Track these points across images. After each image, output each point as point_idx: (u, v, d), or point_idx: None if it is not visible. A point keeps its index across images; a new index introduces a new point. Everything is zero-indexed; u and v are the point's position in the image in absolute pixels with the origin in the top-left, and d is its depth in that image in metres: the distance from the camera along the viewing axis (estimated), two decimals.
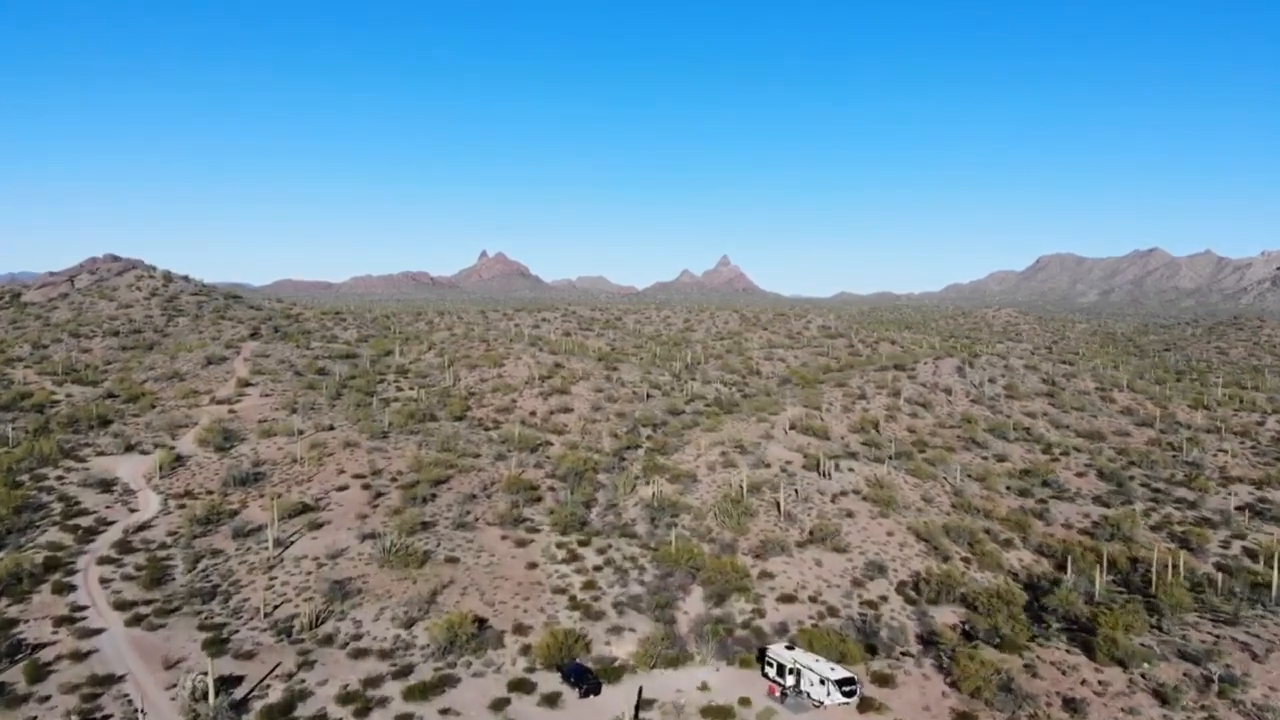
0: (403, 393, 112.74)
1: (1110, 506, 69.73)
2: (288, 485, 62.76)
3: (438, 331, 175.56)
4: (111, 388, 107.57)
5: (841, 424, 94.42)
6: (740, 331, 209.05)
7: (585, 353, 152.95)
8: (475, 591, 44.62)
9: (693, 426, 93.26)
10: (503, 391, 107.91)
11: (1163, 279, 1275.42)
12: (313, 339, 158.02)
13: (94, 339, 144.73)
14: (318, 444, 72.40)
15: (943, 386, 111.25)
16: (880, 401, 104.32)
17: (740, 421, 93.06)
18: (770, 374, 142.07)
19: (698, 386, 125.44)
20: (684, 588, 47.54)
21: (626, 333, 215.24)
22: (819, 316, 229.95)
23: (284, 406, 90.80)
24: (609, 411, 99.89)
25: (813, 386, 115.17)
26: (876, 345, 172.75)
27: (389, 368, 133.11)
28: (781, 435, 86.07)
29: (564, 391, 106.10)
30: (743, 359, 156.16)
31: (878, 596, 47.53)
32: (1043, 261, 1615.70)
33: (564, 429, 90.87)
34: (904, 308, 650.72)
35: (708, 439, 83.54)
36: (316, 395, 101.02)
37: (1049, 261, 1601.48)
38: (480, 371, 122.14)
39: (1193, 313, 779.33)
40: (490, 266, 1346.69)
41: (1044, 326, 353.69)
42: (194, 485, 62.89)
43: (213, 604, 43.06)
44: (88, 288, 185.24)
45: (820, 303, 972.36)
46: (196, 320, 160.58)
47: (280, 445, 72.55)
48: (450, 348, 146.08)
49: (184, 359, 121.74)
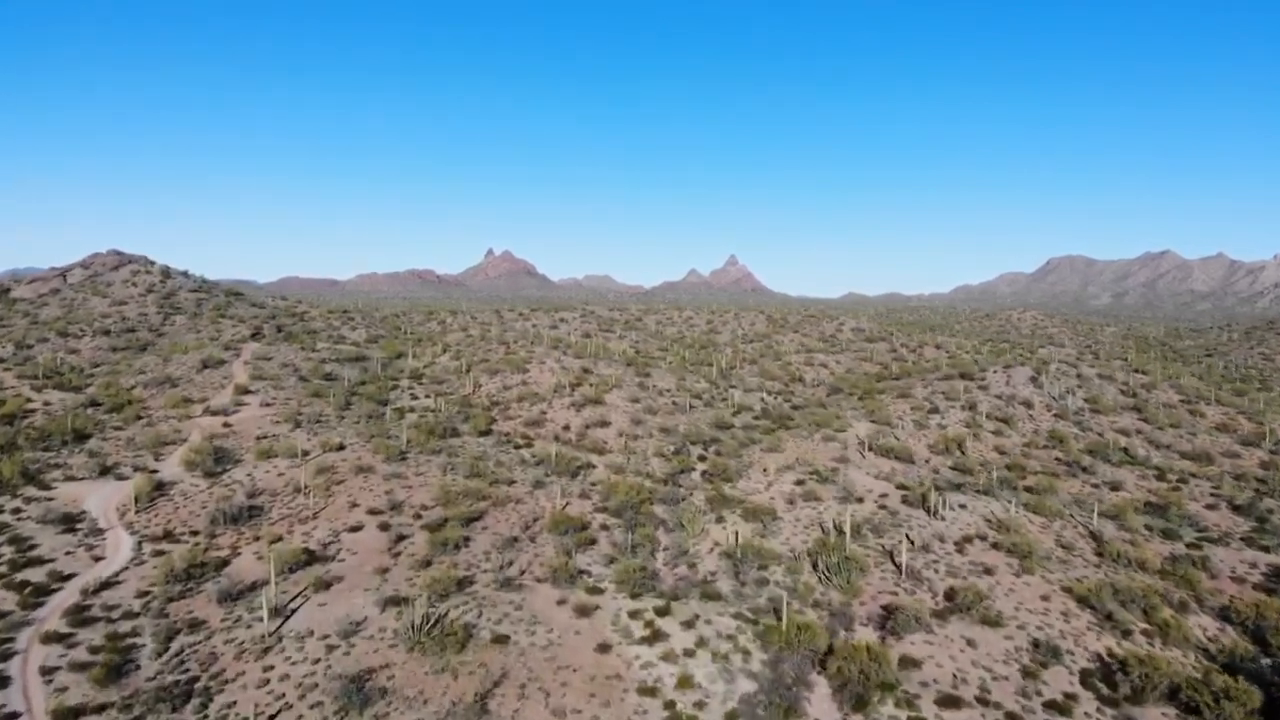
0: (419, 401, 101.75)
1: (1270, 550, 58.29)
2: (289, 523, 51.59)
3: (452, 332, 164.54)
4: (96, 394, 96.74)
5: (919, 443, 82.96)
6: (769, 334, 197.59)
7: (612, 356, 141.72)
8: (537, 693, 33.30)
9: (749, 444, 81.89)
10: (530, 401, 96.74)
11: (1175, 281, 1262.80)
12: (319, 339, 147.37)
13: (83, 338, 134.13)
14: (325, 468, 61.21)
15: (1020, 399, 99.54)
16: (955, 416, 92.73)
17: (803, 440, 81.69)
18: (814, 381, 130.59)
19: (740, 395, 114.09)
20: (805, 681, 36.22)
21: (648, 334, 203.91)
22: (851, 318, 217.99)
23: (287, 419, 79.73)
24: (650, 426, 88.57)
25: (872, 398, 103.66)
26: (920, 350, 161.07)
27: (402, 372, 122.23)
28: (858, 458, 74.62)
29: (598, 401, 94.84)
30: (781, 364, 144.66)
31: (1061, 694, 36.12)
32: (1053, 263, 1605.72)
33: (604, 447, 79.58)
34: (922, 309, 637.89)
35: (774, 461, 72.16)
36: (323, 405, 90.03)
37: (1059, 263, 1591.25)
38: (502, 377, 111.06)
39: (1210, 316, 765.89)
40: (496, 265, 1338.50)
41: (1074, 330, 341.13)
42: (175, 522, 51.72)
43: (187, 710, 31.87)
44: (81, 283, 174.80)
45: (829, 303, 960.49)
46: (195, 319, 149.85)
47: (281, 470, 61.37)
48: (467, 350, 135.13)
49: (178, 362, 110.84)
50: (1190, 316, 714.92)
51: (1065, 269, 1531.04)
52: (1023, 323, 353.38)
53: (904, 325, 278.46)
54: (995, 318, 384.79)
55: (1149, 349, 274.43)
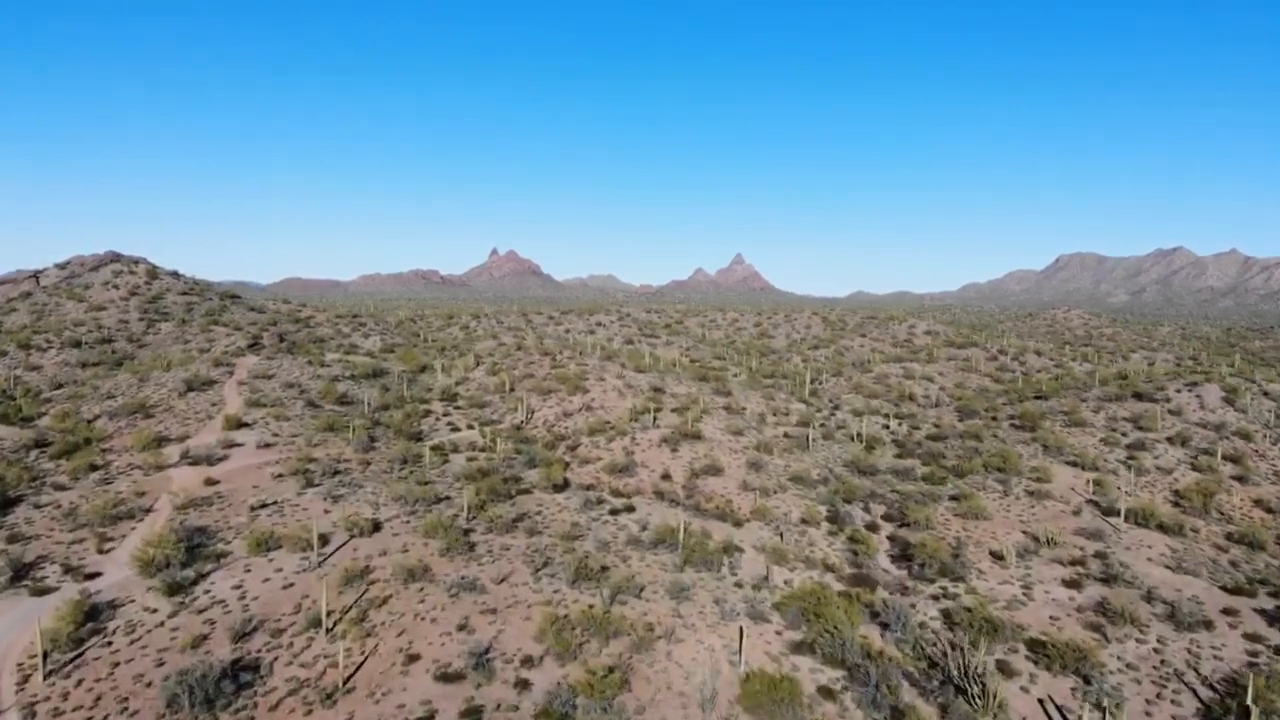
0: (460, 434, 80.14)
1: None
2: (305, 708, 29.74)
3: (480, 340, 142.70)
4: (49, 427, 75.21)
5: (1154, 497, 61.08)
6: (832, 338, 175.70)
7: (676, 370, 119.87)
8: None
9: (926, 501, 59.94)
10: (603, 434, 75.02)
11: (1190, 278, 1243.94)
12: (327, 349, 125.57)
13: (48, 351, 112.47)
14: (357, 574, 39.28)
15: (1232, 428, 77.50)
16: (1169, 454, 70.77)
17: (996, 493, 59.84)
18: (928, 399, 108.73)
19: (852, 420, 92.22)
20: None
21: (694, 339, 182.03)
22: (918, 319, 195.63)
23: (294, 470, 58.05)
24: (773, 470, 66.63)
25: (1037, 425, 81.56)
26: (1022, 358, 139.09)
27: (429, 390, 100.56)
28: (1107, 527, 52.71)
29: (695, 435, 73.06)
30: (874, 377, 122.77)
31: None
32: (1062, 260, 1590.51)
33: (732, 509, 57.48)
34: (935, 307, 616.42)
35: (986, 531, 50.35)
36: (340, 444, 68.39)
37: (1069, 261, 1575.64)
38: (558, 399, 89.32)
39: (1235, 314, 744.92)
40: (501, 265, 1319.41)
41: (1127, 329, 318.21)
42: (108, 706, 29.88)
43: None
44: (55, 285, 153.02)
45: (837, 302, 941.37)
46: (183, 326, 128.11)
47: (288, 576, 39.42)
48: (504, 363, 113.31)
49: (157, 382, 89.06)
50: (1216, 314, 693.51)
51: (1076, 266, 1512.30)
52: (1069, 322, 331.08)
53: (974, 329, 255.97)
54: (1039, 317, 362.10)
55: (1231, 351, 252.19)
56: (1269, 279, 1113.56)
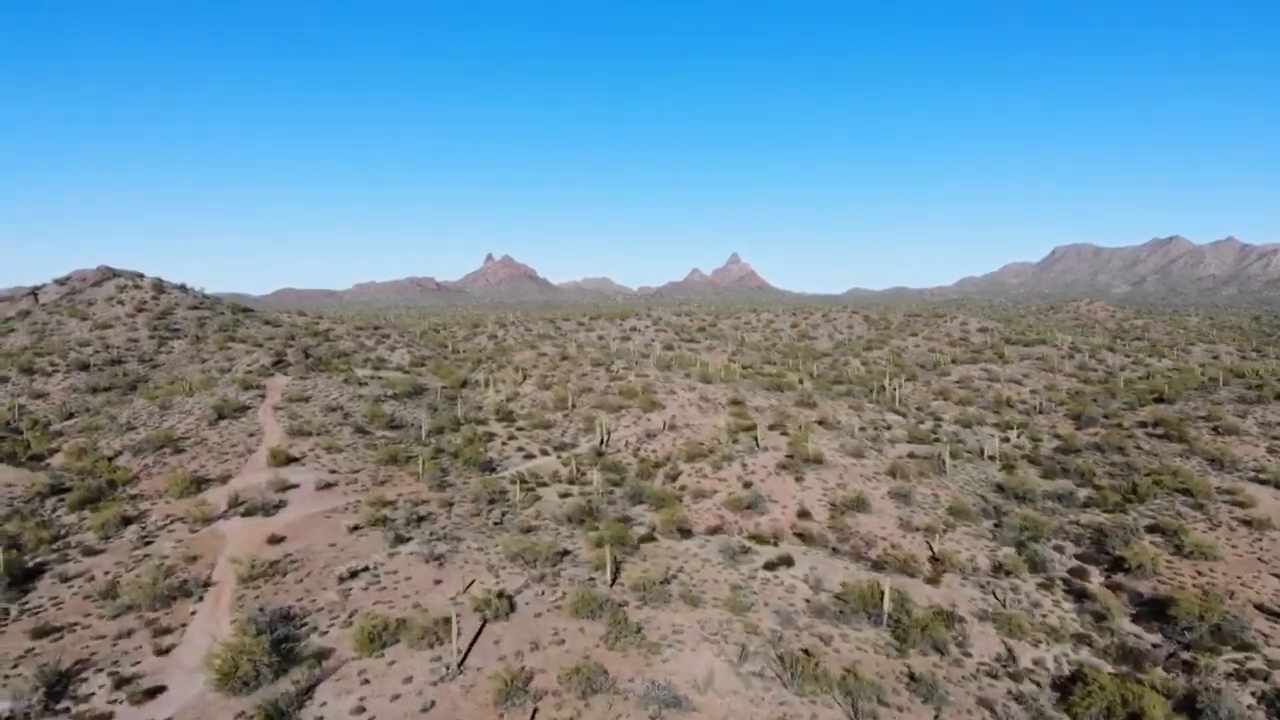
0: (535, 460, 70.61)
1: None
2: None
3: (515, 351, 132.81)
4: (64, 466, 65.15)
5: None
6: (880, 339, 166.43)
7: (744, 377, 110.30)
8: None
9: (1133, 537, 50.47)
10: (704, 459, 65.38)
11: (1188, 267, 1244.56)
12: (353, 363, 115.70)
13: (54, 375, 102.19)
14: (512, 685, 29.25)
15: None
16: None
17: (1220, 528, 50.53)
18: (1023, 404, 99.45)
19: (969, 434, 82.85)
20: None
21: (734, 341, 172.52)
22: (969, 316, 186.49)
23: (370, 520, 48.09)
24: (926, 503, 56.97)
25: (1186, 436, 72.13)
26: (1099, 355, 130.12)
27: (480, 409, 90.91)
28: None
29: (816, 459, 63.44)
30: (956, 381, 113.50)
31: None
32: (1059, 252, 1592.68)
33: (907, 557, 47.90)
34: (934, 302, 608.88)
35: (1256, 580, 41.06)
36: (408, 479, 58.55)
37: (1065, 252, 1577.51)
38: (632, 417, 79.72)
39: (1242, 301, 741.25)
40: (497, 270, 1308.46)
41: (1158, 321, 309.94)
42: None
43: None
44: (56, 303, 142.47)
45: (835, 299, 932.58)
46: (197, 344, 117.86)
47: (420, 691, 29.26)
48: (553, 375, 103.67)
49: (180, 408, 78.94)
50: (1223, 303, 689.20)
51: (1072, 257, 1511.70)
52: (1093, 315, 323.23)
53: (1015, 324, 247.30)
54: (1060, 310, 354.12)
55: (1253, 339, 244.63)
56: (1267, 265, 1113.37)
